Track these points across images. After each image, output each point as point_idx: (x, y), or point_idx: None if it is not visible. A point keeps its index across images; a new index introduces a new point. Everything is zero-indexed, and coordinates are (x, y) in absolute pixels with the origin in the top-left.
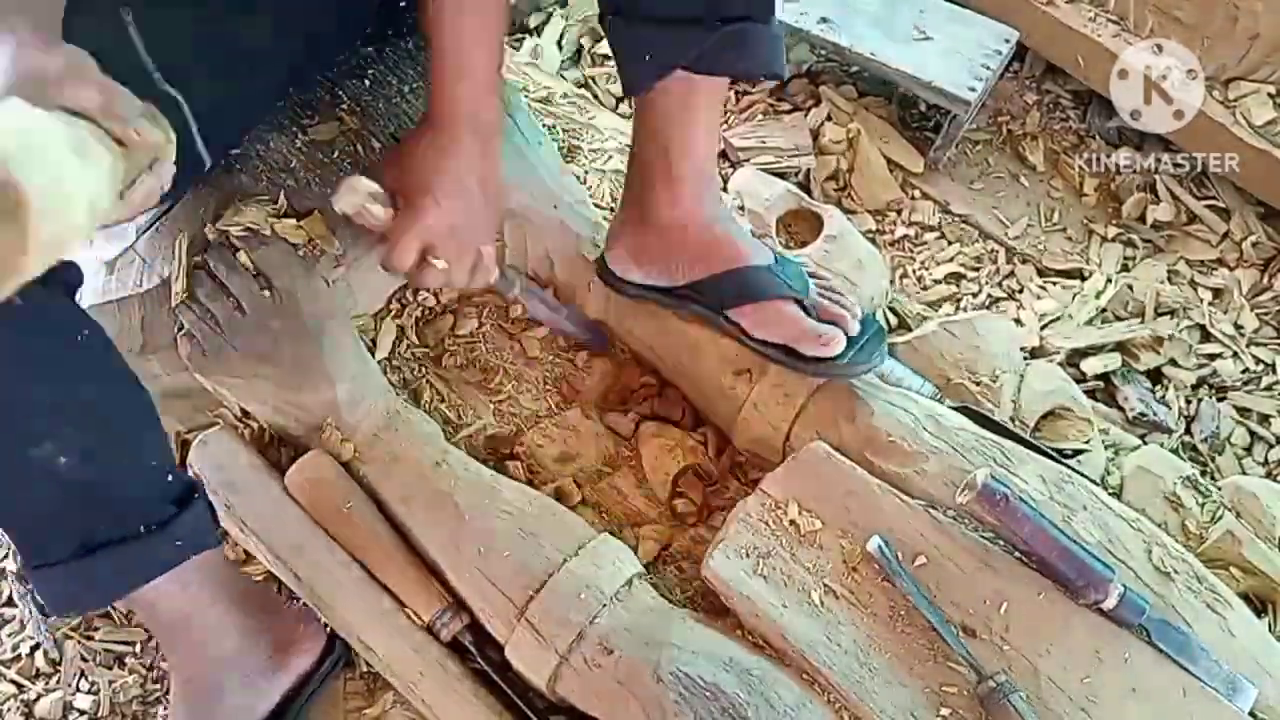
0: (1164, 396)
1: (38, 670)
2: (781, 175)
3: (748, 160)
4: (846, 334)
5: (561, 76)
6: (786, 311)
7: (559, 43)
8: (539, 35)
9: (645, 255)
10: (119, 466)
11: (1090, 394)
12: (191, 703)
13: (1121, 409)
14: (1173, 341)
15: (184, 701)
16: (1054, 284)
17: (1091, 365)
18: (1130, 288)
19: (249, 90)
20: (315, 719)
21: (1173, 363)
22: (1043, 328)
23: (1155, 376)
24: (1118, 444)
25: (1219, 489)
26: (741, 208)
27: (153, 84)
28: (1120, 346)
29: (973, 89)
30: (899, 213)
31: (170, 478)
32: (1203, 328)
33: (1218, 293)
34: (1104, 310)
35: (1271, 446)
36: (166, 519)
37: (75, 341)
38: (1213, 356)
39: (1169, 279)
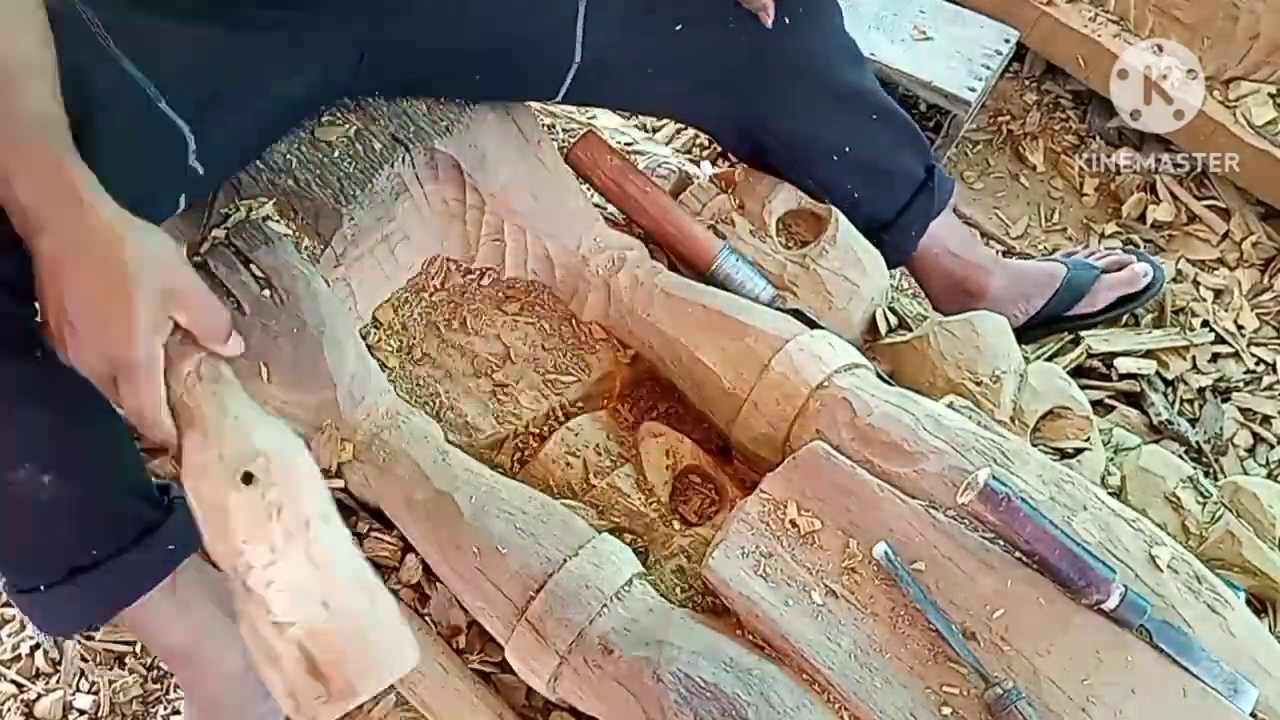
0: (1173, 400)
1: (38, 670)
2: None
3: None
4: None
5: None
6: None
7: None
8: None
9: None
10: (102, 479)
11: (1116, 396)
12: None
13: (1146, 413)
14: (1199, 348)
15: None
16: None
17: (1125, 364)
18: None
19: (256, 119)
20: None
21: (1194, 367)
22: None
23: (1166, 380)
24: (1118, 444)
25: (1219, 489)
26: (741, 207)
27: (152, 106)
28: (1150, 353)
29: (973, 89)
30: None
31: (150, 481)
32: (1209, 325)
33: (1218, 293)
34: None
35: (1273, 447)
36: (155, 525)
37: (40, 356)
38: (1217, 356)
39: (1176, 279)
